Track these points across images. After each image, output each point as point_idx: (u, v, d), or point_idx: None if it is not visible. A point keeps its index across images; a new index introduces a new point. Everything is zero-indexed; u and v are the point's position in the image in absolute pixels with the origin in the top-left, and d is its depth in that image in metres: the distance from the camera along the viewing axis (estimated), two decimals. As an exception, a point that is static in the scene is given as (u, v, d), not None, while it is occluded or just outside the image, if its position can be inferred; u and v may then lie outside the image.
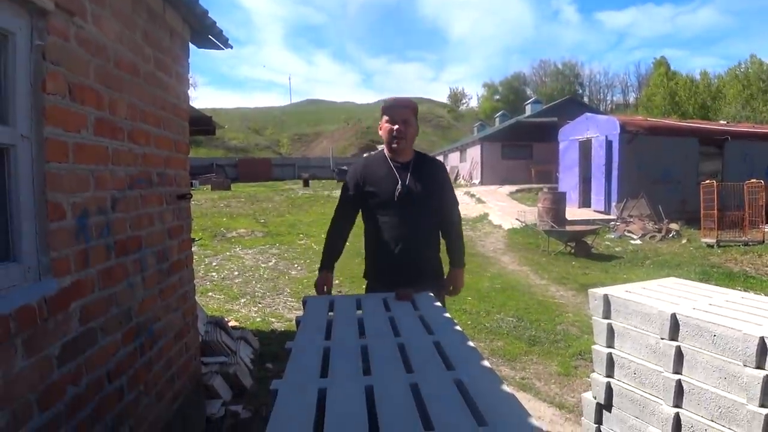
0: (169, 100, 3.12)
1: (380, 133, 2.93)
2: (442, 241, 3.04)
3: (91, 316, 2.10)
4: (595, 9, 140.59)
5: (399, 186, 2.77)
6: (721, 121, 29.20)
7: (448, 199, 2.98)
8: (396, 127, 2.79)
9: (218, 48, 3.91)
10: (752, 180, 12.87)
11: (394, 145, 2.82)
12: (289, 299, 7.22)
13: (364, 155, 3.16)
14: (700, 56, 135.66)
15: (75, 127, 2.02)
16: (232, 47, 3.92)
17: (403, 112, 2.83)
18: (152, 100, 2.85)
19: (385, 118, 2.85)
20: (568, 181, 18.56)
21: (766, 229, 12.61)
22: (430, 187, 2.85)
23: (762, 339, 1.96)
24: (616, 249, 11.74)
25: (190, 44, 3.65)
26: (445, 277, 3.04)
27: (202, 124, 5.83)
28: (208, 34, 3.68)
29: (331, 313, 2.17)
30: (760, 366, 1.96)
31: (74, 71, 2.00)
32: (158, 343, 2.87)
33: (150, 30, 2.82)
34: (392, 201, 2.77)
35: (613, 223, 14.23)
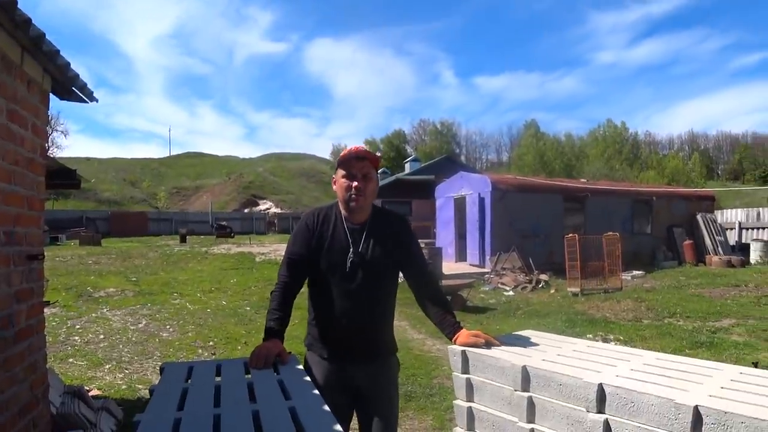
0: (23, 154, 2.94)
1: (334, 188, 2.51)
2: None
3: None
4: (472, 74, 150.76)
5: (351, 253, 2.41)
6: (582, 180, 31.94)
7: (417, 260, 2.62)
8: (355, 183, 2.40)
9: (83, 101, 3.77)
10: (610, 233, 14.15)
11: (352, 204, 2.42)
12: (159, 364, 6.81)
13: (315, 207, 2.60)
14: (565, 119, 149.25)
15: None
16: (97, 101, 3.80)
17: (362, 164, 2.42)
18: (2, 154, 2.68)
19: (342, 172, 2.44)
20: (445, 236, 19.30)
21: (623, 277, 13.82)
22: (389, 250, 2.48)
23: (600, 385, 2.12)
24: (491, 301, 12.28)
25: (52, 95, 3.50)
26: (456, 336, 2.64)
27: (65, 178, 5.52)
28: (71, 86, 3.54)
29: (189, 381, 2.09)
30: (600, 411, 2.12)
31: None
32: (-2, 420, 2.61)
33: (4, 80, 2.68)
34: (342, 269, 2.41)
35: (487, 276, 14.91)
